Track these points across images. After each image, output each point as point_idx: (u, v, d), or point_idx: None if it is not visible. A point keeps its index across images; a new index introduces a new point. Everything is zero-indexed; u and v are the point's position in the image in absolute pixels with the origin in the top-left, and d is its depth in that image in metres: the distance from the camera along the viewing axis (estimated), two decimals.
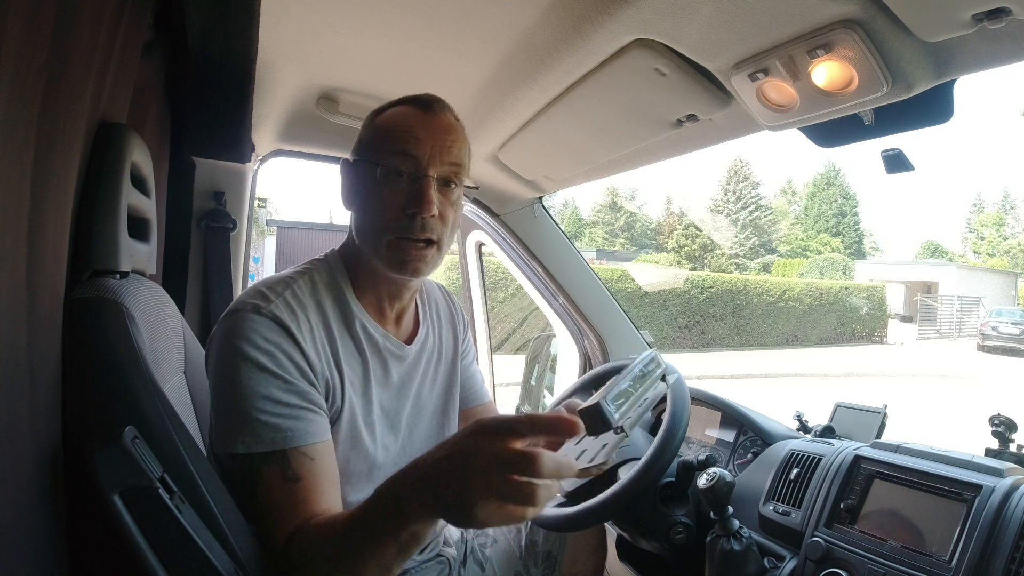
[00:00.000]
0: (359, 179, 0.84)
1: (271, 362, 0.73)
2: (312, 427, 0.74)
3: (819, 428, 1.20)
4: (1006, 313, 17.53)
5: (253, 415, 0.71)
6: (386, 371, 0.88)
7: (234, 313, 0.76)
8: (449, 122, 0.84)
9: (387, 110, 0.86)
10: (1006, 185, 43.48)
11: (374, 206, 0.81)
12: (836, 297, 18.35)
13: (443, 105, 0.85)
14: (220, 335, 0.76)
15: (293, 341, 0.75)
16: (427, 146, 0.80)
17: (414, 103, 0.84)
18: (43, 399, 0.56)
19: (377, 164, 0.80)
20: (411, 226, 0.80)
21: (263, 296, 0.77)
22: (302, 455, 0.72)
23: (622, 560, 1.33)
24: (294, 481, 0.71)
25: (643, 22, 0.81)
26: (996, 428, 1.00)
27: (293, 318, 0.77)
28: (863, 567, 0.87)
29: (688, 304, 15.66)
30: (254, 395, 0.71)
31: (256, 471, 0.71)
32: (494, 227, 1.80)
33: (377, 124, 0.85)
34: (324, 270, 0.86)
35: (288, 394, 0.73)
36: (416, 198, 0.79)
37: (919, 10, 0.65)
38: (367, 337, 0.85)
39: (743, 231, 32.72)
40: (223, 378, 0.74)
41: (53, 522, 0.56)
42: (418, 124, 0.81)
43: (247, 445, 0.71)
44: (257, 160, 1.58)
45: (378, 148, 0.82)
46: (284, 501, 0.70)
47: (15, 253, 0.51)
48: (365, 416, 0.84)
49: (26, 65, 0.49)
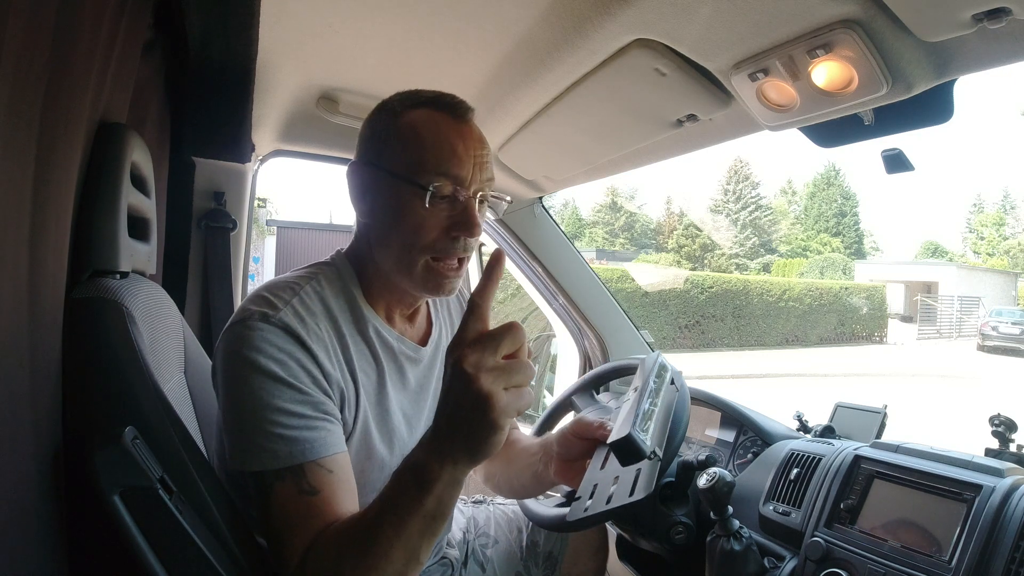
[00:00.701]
0: (387, 191, 0.77)
1: (284, 372, 0.69)
2: (330, 438, 0.71)
3: (819, 428, 1.20)
4: (1006, 313, 17.54)
5: (268, 429, 0.67)
6: (402, 375, 0.85)
7: (241, 323, 0.71)
8: (479, 132, 0.79)
9: (409, 111, 0.78)
10: (1006, 185, 43.51)
11: (412, 226, 0.75)
12: (836, 297, 18.35)
13: (470, 109, 0.79)
14: (227, 346, 0.71)
15: (305, 350, 0.71)
16: (469, 165, 0.75)
17: (445, 108, 0.78)
18: (44, 399, 0.56)
19: (416, 184, 0.74)
20: (453, 248, 0.76)
21: (270, 303, 0.73)
22: (319, 467, 0.69)
23: (622, 560, 1.33)
24: (311, 495, 0.68)
25: (643, 22, 0.81)
26: (996, 428, 1.00)
27: (303, 326, 0.73)
28: (863, 567, 0.87)
29: (688, 304, 15.67)
30: (268, 408, 0.68)
31: (270, 485, 0.67)
32: (494, 227, 1.80)
33: (405, 130, 0.77)
34: (332, 274, 0.81)
35: (303, 405, 0.70)
36: (464, 223, 0.75)
37: (919, 10, 0.65)
38: (381, 342, 0.82)
39: (743, 231, 32.72)
40: (233, 392, 0.70)
41: (53, 522, 0.56)
42: (457, 138, 0.75)
43: (263, 462, 0.67)
44: (257, 160, 1.58)
45: (416, 163, 0.75)
46: (300, 515, 0.66)
47: (16, 253, 0.51)
48: (380, 424, 0.81)
49: (27, 65, 0.49)
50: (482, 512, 1.19)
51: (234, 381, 0.70)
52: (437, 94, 0.79)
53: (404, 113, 0.78)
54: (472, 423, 0.56)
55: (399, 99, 0.80)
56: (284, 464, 0.67)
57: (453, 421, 0.57)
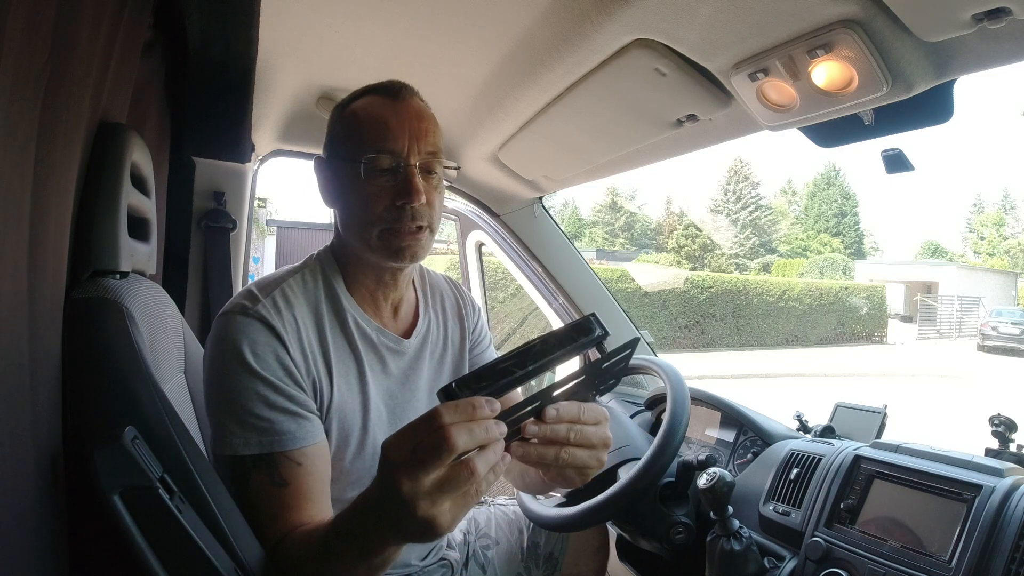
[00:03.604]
0: (339, 177, 0.83)
1: (258, 363, 0.74)
2: (300, 431, 0.74)
3: (819, 428, 1.20)
4: (1006, 313, 17.53)
5: (241, 417, 0.72)
6: (384, 365, 0.87)
7: (224, 315, 0.77)
8: (419, 107, 0.83)
9: (353, 102, 0.84)
10: (1006, 185, 43.50)
11: (360, 202, 0.80)
12: (836, 297, 18.35)
13: (410, 90, 0.84)
14: (212, 337, 0.77)
15: (279, 341, 0.76)
16: (404, 137, 0.79)
17: (381, 92, 0.83)
18: (45, 399, 0.56)
19: (357, 162, 0.79)
20: (401, 216, 0.79)
21: (252, 297, 0.78)
22: (289, 460, 0.72)
23: (622, 560, 1.33)
24: (281, 486, 0.71)
25: (643, 22, 0.81)
26: (996, 428, 1.00)
27: (279, 318, 0.77)
28: (863, 567, 0.87)
29: (688, 304, 15.67)
30: (241, 396, 0.72)
31: (247, 473, 0.72)
32: (494, 227, 1.80)
33: (347, 118, 0.83)
34: (316, 267, 0.86)
35: (275, 395, 0.74)
36: (404, 190, 0.79)
37: (919, 10, 0.65)
38: (360, 333, 0.85)
39: (743, 231, 32.73)
40: (213, 379, 0.75)
41: (54, 522, 0.56)
42: (391, 114, 0.80)
43: (234, 447, 0.72)
44: (257, 160, 1.58)
45: (355, 144, 0.80)
46: (270, 507, 0.71)
47: (16, 253, 0.51)
48: (359, 413, 0.84)
49: (27, 66, 0.49)
50: (483, 513, 1.19)
51: (214, 369, 0.75)
52: (381, 83, 0.85)
53: (349, 105, 0.85)
54: (415, 532, 0.50)
55: (349, 96, 0.86)
56: (255, 451, 0.72)
57: (384, 508, 0.51)
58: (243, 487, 0.72)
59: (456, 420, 0.46)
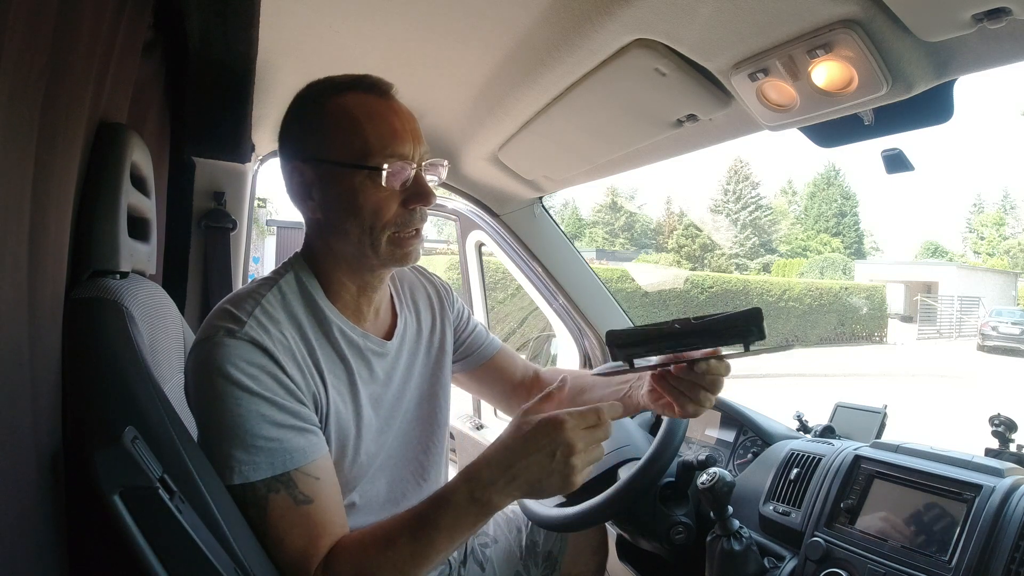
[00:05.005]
0: (335, 181, 0.77)
1: (256, 385, 0.70)
2: (310, 445, 0.72)
3: (819, 428, 1.20)
4: (1006, 313, 17.53)
5: (247, 442, 0.68)
6: (371, 369, 0.86)
7: (207, 340, 0.71)
8: (406, 105, 0.82)
9: (337, 97, 0.78)
10: (1006, 185, 43.43)
11: (372, 208, 0.77)
12: (836, 297, 18.35)
13: (392, 86, 0.82)
14: (197, 365, 0.71)
15: (274, 361, 0.72)
16: (408, 139, 0.78)
17: (370, 90, 0.79)
18: (45, 399, 0.56)
19: (370, 168, 0.75)
20: (412, 219, 0.79)
21: (233, 317, 0.73)
22: (306, 475, 0.70)
23: (622, 560, 1.33)
24: (306, 504, 0.69)
25: (643, 22, 0.81)
26: (996, 428, 1.00)
27: (268, 337, 0.73)
28: (863, 567, 0.87)
29: (688, 304, 15.67)
30: (244, 421, 0.68)
31: (263, 499, 0.68)
32: (494, 227, 1.80)
33: (341, 119, 0.77)
34: (291, 278, 0.81)
35: (280, 413, 0.71)
36: (418, 194, 0.78)
37: (919, 10, 0.65)
38: (347, 341, 0.82)
39: (743, 231, 32.73)
40: (209, 409, 0.70)
41: (53, 522, 0.56)
42: (393, 116, 0.78)
43: (244, 475, 0.68)
44: (257, 160, 1.58)
45: (359, 148, 0.76)
46: (303, 527, 0.69)
47: (16, 253, 0.51)
48: (353, 420, 0.82)
49: (27, 66, 0.49)
50: None
51: (207, 399, 0.70)
52: (353, 77, 0.81)
53: (330, 101, 0.78)
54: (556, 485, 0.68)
55: (318, 89, 0.81)
56: (267, 474, 0.69)
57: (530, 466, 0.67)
58: (262, 515, 0.68)
59: (610, 418, 0.70)
